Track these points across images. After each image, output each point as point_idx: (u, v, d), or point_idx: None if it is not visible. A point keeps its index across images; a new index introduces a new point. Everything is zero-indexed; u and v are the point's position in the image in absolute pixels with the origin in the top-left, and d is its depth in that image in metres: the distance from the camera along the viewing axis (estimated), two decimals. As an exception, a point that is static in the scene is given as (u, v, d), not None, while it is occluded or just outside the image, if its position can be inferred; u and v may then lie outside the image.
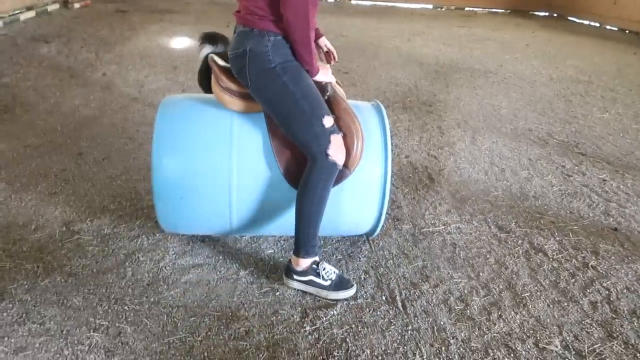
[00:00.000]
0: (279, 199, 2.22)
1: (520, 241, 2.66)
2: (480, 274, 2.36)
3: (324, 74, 2.15)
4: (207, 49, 3.20)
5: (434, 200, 3.04)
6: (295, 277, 2.14)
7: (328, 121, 2.02)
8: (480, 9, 13.87)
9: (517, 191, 3.22)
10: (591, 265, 2.48)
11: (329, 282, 2.12)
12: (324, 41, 2.41)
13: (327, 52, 2.44)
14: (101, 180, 3.00)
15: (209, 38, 3.28)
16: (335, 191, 2.13)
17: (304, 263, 2.13)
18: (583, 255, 2.57)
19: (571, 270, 2.43)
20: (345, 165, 2.09)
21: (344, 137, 2.08)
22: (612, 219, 2.95)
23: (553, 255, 2.55)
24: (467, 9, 13.83)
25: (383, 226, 2.57)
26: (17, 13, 7.77)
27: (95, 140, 3.57)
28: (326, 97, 2.15)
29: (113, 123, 3.91)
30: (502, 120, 4.59)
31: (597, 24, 12.05)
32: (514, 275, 2.37)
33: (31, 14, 8.04)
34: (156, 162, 2.14)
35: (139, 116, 4.08)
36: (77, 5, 9.39)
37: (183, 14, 9.44)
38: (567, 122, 4.66)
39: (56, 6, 9.02)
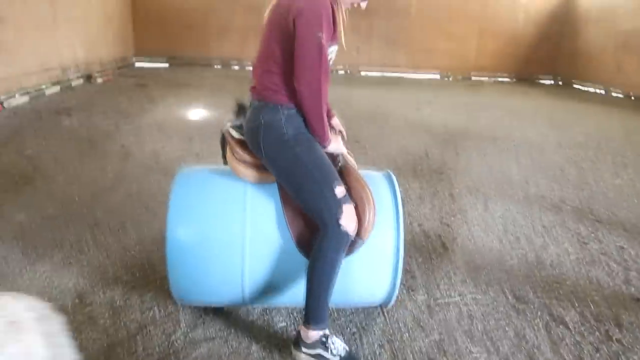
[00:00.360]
0: (292, 269, 2.21)
1: (539, 312, 2.58)
2: (500, 348, 2.28)
3: (336, 146, 2.21)
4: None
5: (448, 269, 3.00)
6: (303, 349, 2.09)
7: (340, 191, 2.05)
8: (487, 78, 14.30)
9: (534, 259, 3.17)
10: (615, 339, 2.39)
11: (337, 358, 2.06)
12: (335, 121, 2.48)
13: (338, 132, 2.51)
14: (115, 251, 3.03)
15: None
16: (347, 261, 2.12)
17: (313, 335, 2.08)
18: (606, 327, 2.48)
19: (595, 344, 2.34)
20: (358, 234, 2.09)
21: (356, 207, 2.10)
22: (633, 288, 2.87)
23: (575, 327, 2.47)
24: (473, 78, 14.28)
25: (397, 296, 2.52)
26: (43, 88, 8.18)
27: (111, 211, 3.63)
28: (338, 167, 2.20)
29: (129, 193, 3.99)
30: (514, 186, 4.60)
31: (603, 91, 12.31)
32: (535, 350, 2.28)
33: (56, 88, 8.46)
34: (170, 231, 2.16)
35: (155, 186, 4.16)
36: (99, 80, 9.88)
37: (199, 87, 9.86)
38: (579, 188, 4.65)
39: (80, 81, 9.49)
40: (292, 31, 2.00)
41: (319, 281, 2.05)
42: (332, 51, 2.11)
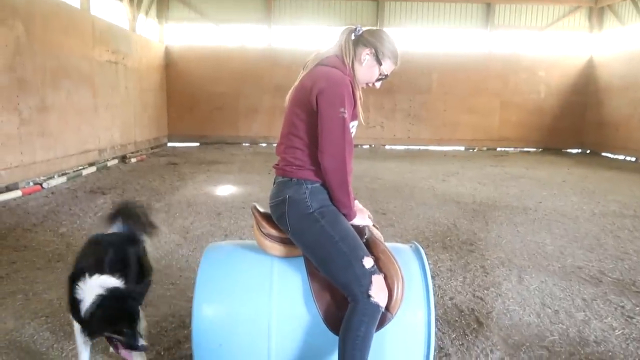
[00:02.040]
0: (320, 346, 2.14)
1: (587, 394, 2.39)
2: None
3: (361, 218, 2.22)
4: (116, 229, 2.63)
5: (484, 346, 2.84)
6: None
7: (368, 262, 2.03)
8: (512, 149, 14.33)
9: (575, 335, 2.99)
10: None
11: None
12: (357, 204, 2.49)
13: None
14: (147, 336, 2.99)
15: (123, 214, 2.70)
16: (377, 337, 2.05)
17: None
18: (663, 411, 2.27)
19: None
20: (387, 308, 2.03)
21: (385, 279, 2.05)
22: (689, 367, 2.64)
23: (628, 411, 2.26)
24: (498, 149, 14.32)
25: (431, 376, 2.38)
26: (80, 169, 8.57)
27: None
28: (364, 240, 2.18)
29: (157, 269, 4.00)
30: (548, 258, 4.44)
31: (633, 158, 12.13)
32: None
33: (92, 169, 8.85)
34: (197, 307, 2.15)
35: (183, 262, 4.18)
36: (133, 160, 10.32)
37: (228, 164, 10.16)
38: (618, 258, 4.46)
39: (115, 161, 9.93)
40: (314, 109, 2.08)
41: (351, 356, 1.97)
42: (352, 126, 2.18)
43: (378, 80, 2.28)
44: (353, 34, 2.22)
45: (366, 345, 1.97)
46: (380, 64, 2.21)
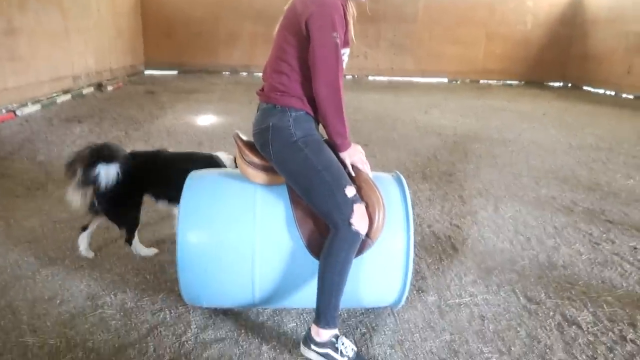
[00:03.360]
0: (302, 271, 2.21)
1: (551, 313, 2.56)
2: (512, 348, 2.26)
3: (354, 151, 2.16)
4: (103, 169, 2.67)
5: (459, 270, 2.98)
6: (312, 347, 2.09)
7: (350, 191, 2.05)
8: (495, 82, 14.26)
9: (545, 260, 3.14)
10: (629, 339, 2.35)
11: (345, 359, 2.05)
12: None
13: None
14: (127, 254, 3.04)
15: (101, 155, 2.69)
16: (357, 262, 2.12)
17: (324, 334, 2.08)
18: (620, 327, 2.45)
19: (608, 344, 2.31)
20: (368, 235, 2.09)
21: (366, 207, 2.09)
22: (647, 289, 2.83)
23: (588, 327, 2.44)
24: (481, 81, 14.25)
25: (407, 297, 2.51)
26: (54, 96, 8.29)
27: (122, 215, 3.65)
28: (347, 169, 2.20)
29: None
30: (524, 188, 4.57)
31: (613, 93, 12.22)
32: (547, 350, 2.26)
33: (67, 97, 8.56)
34: (181, 234, 2.18)
35: (165, 190, 4.18)
36: (110, 88, 9.99)
37: (208, 93, 9.94)
38: (590, 189, 4.61)
39: (90, 89, 9.60)
40: (305, 34, 2.01)
41: (330, 281, 2.05)
42: (344, 53, 2.12)
43: None
44: None
45: (345, 270, 2.05)
46: None
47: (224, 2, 13.17)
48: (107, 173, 2.67)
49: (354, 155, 2.16)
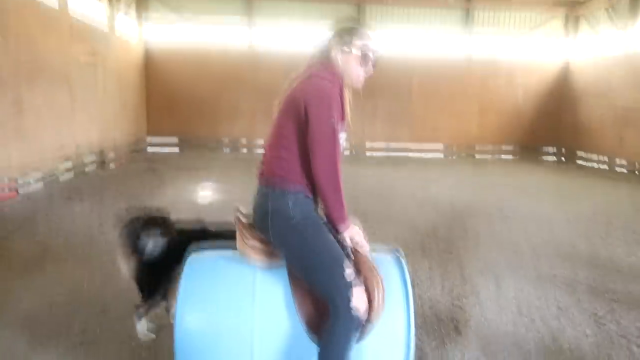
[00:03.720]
0: (303, 355, 2.15)
1: (561, 401, 2.46)
2: None
3: (353, 231, 2.17)
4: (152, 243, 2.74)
5: (463, 354, 2.90)
6: None
7: (349, 273, 2.05)
8: (490, 156, 14.59)
9: (551, 343, 3.07)
10: None
11: None
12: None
13: None
14: (122, 339, 2.97)
15: (152, 228, 2.79)
16: (358, 346, 2.07)
17: None
18: (634, 417, 2.35)
19: None
20: (367, 318, 2.06)
21: (365, 290, 2.08)
22: (658, 374, 2.74)
23: (600, 418, 2.34)
24: (477, 156, 14.58)
25: (411, 385, 2.42)
26: (57, 174, 8.41)
27: (120, 295, 3.60)
28: (345, 251, 2.21)
29: (137, 277, 3.97)
30: (525, 265, 4.54)
31: (606, 163, 12.46)
32: None
33: (70, 174, 8.69)
34: (179, 319, 2.14)
35: (163, 269, 4.14)
36: (112, 165, 10.17)
37: (208, 170, 10.10)
38: (592, 265, 4.58)
39: (93, 166, 9.77)
40: (303, 119, 2.10)
41: None
42: (341, 137, 2.20)
43: (364, 64, 2.24)
44: (328, 39, 2.25)
45: (346, 356, 2.00)
46: (349, 51, 2.21)
47: (226, 79, 13.71)
48: (155, 247, 2.67)
49: (354, 237, 2.18)
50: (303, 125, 2.11)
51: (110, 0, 11.33)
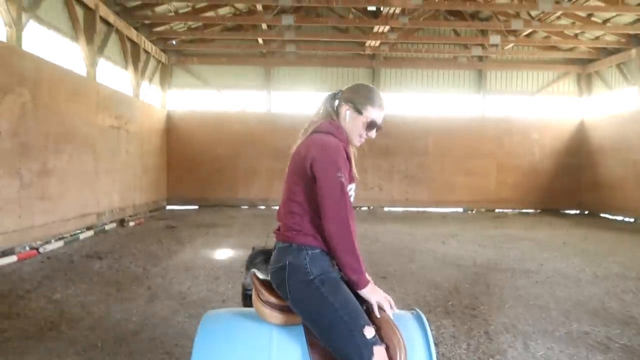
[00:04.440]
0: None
1: None
2: None
3: (372, 289, 2.11)
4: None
5: (492, 419, 2.72)
6: None
7: (369, 332, 1.98)
8: (510, 210, 14.37)
9: (587, 407, 2.86)
10: None
11: None
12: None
13: None
14: (134, 402, 2.87)
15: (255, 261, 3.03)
16: (380, 411, 1.96)
17: None
18: None
19: None
20: (389, 380, 1.96)
21: (387, 349, 1.99)
22: None
23: None
24: (497, 210, 14.37)
25: None
26: (78, 233, 8.52)
27: (133, 356, 3.53)
28: (365, 308, 2.14)
29: (152, 337, 3.90)
30: (553, 323, 4.34)
31: (632, 219, 12.15)
32: None
33: (90, 233, 8.79)
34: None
35: (179, 329, 4.07)
36: (131, 224, 10.29)
37: (227, 227, 10.13)
38: (625, 323, 4.36)
39: (113, 225, 9.89)
40: (309, 176, 2.12)
41: None
42: (350, 189, 2.21)
43: (368, 129, 2.28)
44: (335, 96, 2.32)
45: None
46: (360, 113, 2.25)
47: (245, 142, 14.07)
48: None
49: (377, 294, 2.11)
50: (310, 181, 2.13)
51: (136, 69, 11.91)
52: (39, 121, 7.47)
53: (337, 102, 2.32)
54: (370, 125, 2.27)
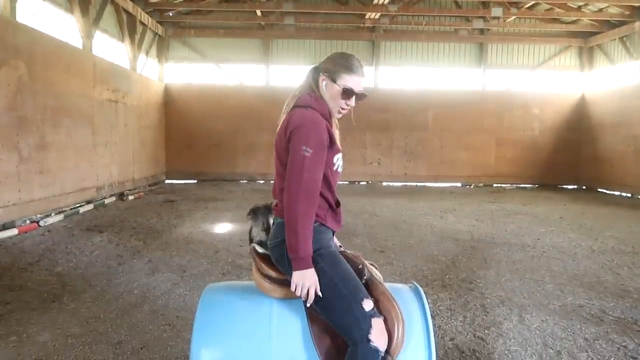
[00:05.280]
0: (319, 389, 2.09)
1: None
2: None
3: (300, 275, 2.04)
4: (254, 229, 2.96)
5: (487, 389, 2.79)
6: None
7: (368, 304, 2.01)
8: (509, 185, 14.41)
9: (579, 377, 2.94)
10: None
11: None
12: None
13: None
14: (137, 372, 2.93)
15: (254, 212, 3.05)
16: (378, 381, 2.01)
17: None
18: None
19: None
20: (387, 351, 2.00)
21: (385, 321, 2.03)
22: (696, 410, 2.59)
23: None
24: (495, 185, 14.40)
25: (433, 422, 2.33)
26: (78, 206, 8.55)
27: (135, 328, 3.59)
28: (364, 281, 2.17)
29: (154, 310, 3.96)
30: (548, 296, 4.41)
31: (629, 195, 12.20)
32: None
33: (90, 207, 8.82)
34: (194, 353, 2.11)
35: (180, 302, 4.13)
36: (131, 198, 10.31)
37: (226, 201, 10.16)
38: (619, 296, 4.43)
39: (113, 199, 9.92)
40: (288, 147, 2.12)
41: None
42: (337, 159, 2.21)
43: (346, 97, 2.22)
44: (317, 68, 2.28)
45: None
46: (335, 81, 2.21)
47: (244, 116, 13.98)
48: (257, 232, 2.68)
49: (304, 280, 2.03)
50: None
51: (132, 41, 11.74)
52: (36, 94, 7.41)
53: (315, 73, 2.27)
54: (347, 93, 2.21)
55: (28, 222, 7.09)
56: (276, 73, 14.59)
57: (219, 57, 14.41)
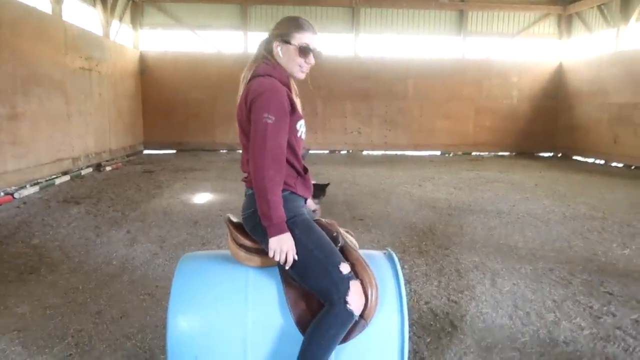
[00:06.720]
0: (295, 353, 2.15)
1: (556, 394, 2.46)
2: None
3: (277, 241, 2.06)
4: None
5: (458, 349, 2.90)
6: None
7: (345, 267, 2.05)
8: (487, 153, 14.60)
9: (546, 336, 3.07)
10: (639, 420, 2.25)
11: None
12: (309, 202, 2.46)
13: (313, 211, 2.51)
14: (117, 340, 2.97)
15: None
16: (352, 345, 2.07)
17: None
18: (628, 408, 2.35)
19: None
20: (362, 315, 2.06)
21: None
22: (653, 365, 2.74)
23: (595, 409, 2.34)
24: (474, 153, 14.58)
25: (406, 381, 2.42)
26: (53, 178, 8.41)
27: (114, 298, 3.60)
28: (338, 248, 2.21)
29: (133, 280, 3.98)
30: (521, 260, 4.55)
31: (602, 162, 12.49)
32: None
33: (66, 178, 8.69)
34: (171, 319, 2.14)
35: (159, 272, 4.15)
36: (108, 168, 10.17)
37: (205, 171, 10.10)
38: (588, 260, 4.59)
39: (89, 170, 9.77)
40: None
41: (312, 356, 1.98)
42: (300, 125, 2.21)
43: (303, 56, 2.20)
44: (268, 38, 2.26)
45: (330, 348, 1.99)
46: (289, 43, 2.20)
47: (222, 84, 13.71)
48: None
49: (282, 245, 2.05)
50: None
51: (105, 6, 11.35)
52: (3, 63, 7.15)
53: (268, 41, 2.25)
54: (303, 50, 2.19)
55: (2, 194, 6.97)
56: (254, 40, 14.30)
57: (195, 23, 14.03)
